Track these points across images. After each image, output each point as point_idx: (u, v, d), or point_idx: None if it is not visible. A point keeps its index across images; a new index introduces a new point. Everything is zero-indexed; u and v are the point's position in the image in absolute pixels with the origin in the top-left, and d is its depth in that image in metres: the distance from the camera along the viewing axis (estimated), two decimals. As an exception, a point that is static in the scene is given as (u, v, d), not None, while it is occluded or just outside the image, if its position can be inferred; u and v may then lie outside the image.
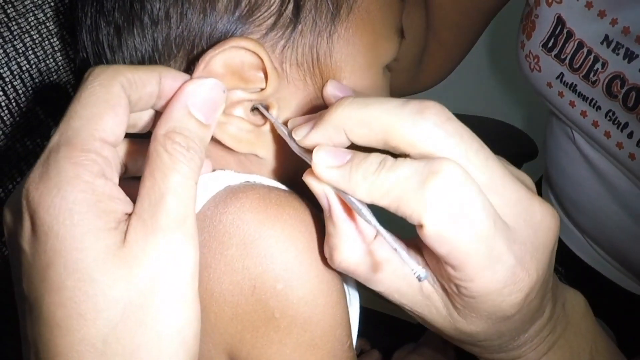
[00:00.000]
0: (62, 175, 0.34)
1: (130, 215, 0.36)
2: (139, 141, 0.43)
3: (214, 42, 0.45)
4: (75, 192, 0.34)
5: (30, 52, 0.53)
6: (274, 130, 0.47)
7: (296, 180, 0.43)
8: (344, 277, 0.48)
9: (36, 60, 0.53)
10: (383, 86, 0.51)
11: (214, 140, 0.45)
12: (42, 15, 0.54)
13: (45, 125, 0.55)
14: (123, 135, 0.37)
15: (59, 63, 0.55)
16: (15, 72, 0.52)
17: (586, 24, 0.76)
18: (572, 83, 0.80)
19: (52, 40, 0.55)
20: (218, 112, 0.40)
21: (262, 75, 0.45)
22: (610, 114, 0.76)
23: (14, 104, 0.52)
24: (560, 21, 0.79)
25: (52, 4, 0.55)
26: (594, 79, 0.76)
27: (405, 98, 0.39)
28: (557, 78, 0.82)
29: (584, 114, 0.80)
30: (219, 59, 0.43)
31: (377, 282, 0.42)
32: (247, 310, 0.42)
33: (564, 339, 0.49)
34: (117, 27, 0.46)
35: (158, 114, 0.40)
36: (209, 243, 0.42)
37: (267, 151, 0.47)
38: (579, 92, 0.79)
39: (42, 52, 0.54)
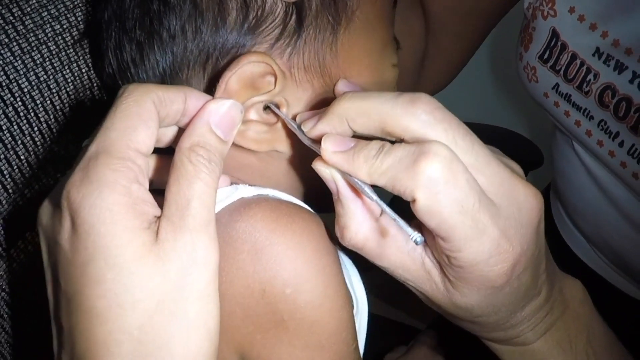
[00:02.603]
0: (102, 180, 0.37)
1: (159, 218, 0.40)
2: (163, 157, 0.47)
3: (225, 53, 0.49)
4: (114, 194, 0.37)
5: (47, 63, 0.55)
6: (286, 126, 0.51)
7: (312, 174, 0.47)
8: (353, 286, 0.51)
9: (53, 71, 0.56)
10: (391, 82, 0.56)
11: (235, 146, 0.49)
12: (58, 26, 0.56)
13: (63, 136, 0.58)
14: (153, 146, 0.41)
15: (76, 74, 0.58)
16: (33, 83, 0.54)
17: (579, 36, 0.78)
18: (567, 93, 0.82)
19: (68, 52, 0.57)
20: (235, 129, 0.45)
21: (271, 78, 0.49)
22: (602, 123, 0.78)
23: (32, 114, 0.55)
24: (555, 34, 0.81)
25: (68, 16, 0.58)
26: (586, 89, 0.78)
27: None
28: (552, 88, 0.84)
29: (578, 123, 0.82)
30: (234, 78, 0.47)
31: (384, 258, 0.46)
32: (258, 312, 0.45)
33: (562, 321, 0.52)
34: (139, 44, 0.50)
35: (181, 131, 0.44)
36: (222, 248, 0.45)
37: (284, 145, 0.52)
38: (574, 102, 0.81)
39: (59, 62, 0.56)
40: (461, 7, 0.91)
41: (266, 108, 0.51)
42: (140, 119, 0.40)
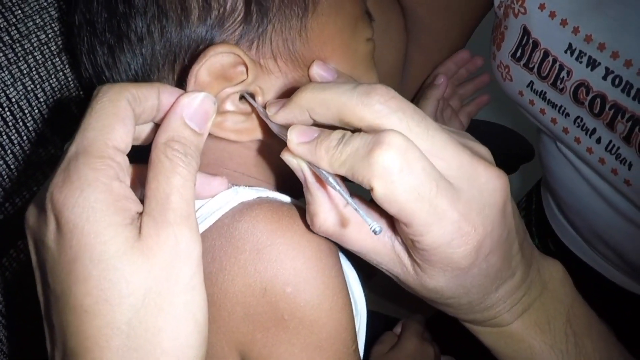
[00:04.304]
0: (83, 179, 0.38)
1: (141, 214, 0.40)
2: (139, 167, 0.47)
3: (193, 51, 0.50)
4: (95, 193, 0.38)
5: (34, 72, 0.56)
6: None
7: None
8: (352, 289, 0.52)
9: (40, 81, 0.56)
10: (366, 56, 0.57)
11: (224, 143, 0.51)
12: (44, 36, 0.57)
13: (51, 142, 0.58)
14: (131, 143, 0.41)
15: (62, 82, 0.58)
16: (21, 93, 0.55)
17: (550, 33, 0.79)
18: (542, 91, 0.83)
19: (54, 61, 0.58)
20: (209, 121, 0.45)
21: (242, 68, 0.50)
22: (579, 120, 0.79)
23: (20, 123, 0.55)
24: (526, 32, 0.82)
25: (53, 25, 0.58)
26: (561, 86, 0.79)
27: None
28: (527, 86, 0.85)
29: (554, 121, 0.83)
30: (203, 70, 0.48)
31: (354, 243, 0.47)
32: (258, 311, 0.46)
33: (540, 302, 0.53)
34: (110, 47, 0.51)
35: (157, 127, 0.44)
36: (225, 247, 0.46)
37: (265, 133, 0.52)
38: (549, 100, 0.82)
39: (45, 72, 0.57)
40: (436, 3, 0.92)
41: (242, 98, 0.51)
42: (117, 117, 0.40)
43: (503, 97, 0.92)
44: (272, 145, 0.53)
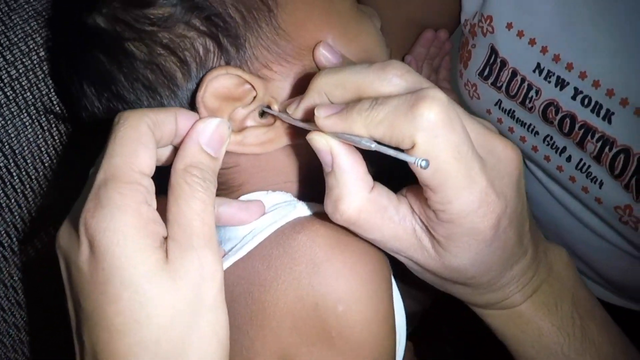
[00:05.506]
0: (113, 204, 0.40)
1: (166, 237, 0.42)
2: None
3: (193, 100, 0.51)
4: (125, 217, 0.40)
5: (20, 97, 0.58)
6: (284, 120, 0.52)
7: None
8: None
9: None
10: (348, 10, 0.55)
11: (248, 155, 0.52)
12: (29, 62, 0.59)
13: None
14: (155, 167, 0.43)
15: (47, 106, 0.59)
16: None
17: (518, 52, 0.78)
18: (510, 109, 0.82)
19: (39, 86, 0.59)
20: (225, 145, 0.47)
21: (249, 85, 0.50)
22: (548, 138, 0.79)
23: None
24: (493, 51, 0.81)
25: (39, 52, 0.59)
26: (530, 105, 0.79)
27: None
28: (495, 105, 0.84)
29: (523, 139, 0.83)
30: (208, 97, 0.49)
31: (376, 230, 0.46)
32: (307, 324, 0.46)
33: (548, 284, 0.54)
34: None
35: (176, 149, 0.46)
36: (281, 257, 0.47)
37: (291, 137, 0.53)
38: (517, 118, 0.82)
39: (31, 96, 0.59)
40: (398, 17, 0.91)
41: (262, 114, 0.52)
42: (139, 142, 0.42)
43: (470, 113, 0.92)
44: (299, 147, 0.54)
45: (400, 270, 0.51)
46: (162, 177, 0.44)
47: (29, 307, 0.63)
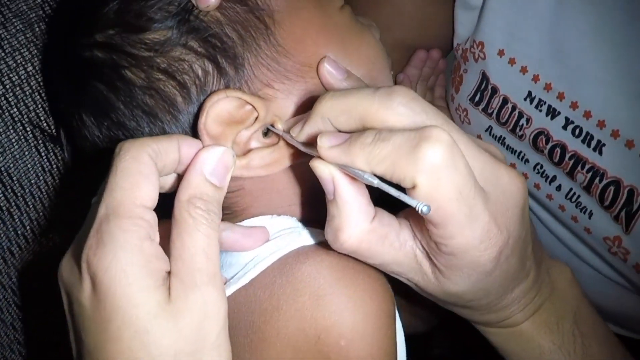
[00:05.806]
0: (115, 242, 0.39)
1: (169, 273, 0.42)
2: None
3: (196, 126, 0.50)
4: (127, 255, 0.39)
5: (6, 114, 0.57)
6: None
7: None
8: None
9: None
10: (345, 21, 0.55)
11: (252, 179, 0.51)
12: (16, 77, 0.58)
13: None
14: (157, 198, 0.42)
15: (34, 122, 0.59)
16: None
17: (509, 80, 0.78)
18: (501, 136, 0.82)
19: (27, 101, 0.59)
20: (229, 174, 0.46)
21: (250, 106, 0.50)
22: (539, 167, 0.79)
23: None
24: (485, 77, 0.81)
25: (27, 67, 0.59)
26: (520, 133, 0.78)
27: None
28: (486, 131, 0.84)
29: (513, 166, 0.80)
30: (210, 124, 0.48)
31: (377, 257, 0.46)
32: (307, 356, 0.45)
33: (550, 303, 0.54)
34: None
35: (180, 177, 0.46)
36: (284, 287, 0.46)
37: (296, 157, 0.52)
38: (508, 145, 0.81)
39: (17, 112, 0.58)
40: (390, 40, 0.90)
41: (265, 134, 0.52)
42: (141, 174, 0.42)
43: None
44: (303, 169, 0.52)
45: (405, 288, 0.51)
46: (167, 201, 0.44)
47: (25, 308, 0.64)
